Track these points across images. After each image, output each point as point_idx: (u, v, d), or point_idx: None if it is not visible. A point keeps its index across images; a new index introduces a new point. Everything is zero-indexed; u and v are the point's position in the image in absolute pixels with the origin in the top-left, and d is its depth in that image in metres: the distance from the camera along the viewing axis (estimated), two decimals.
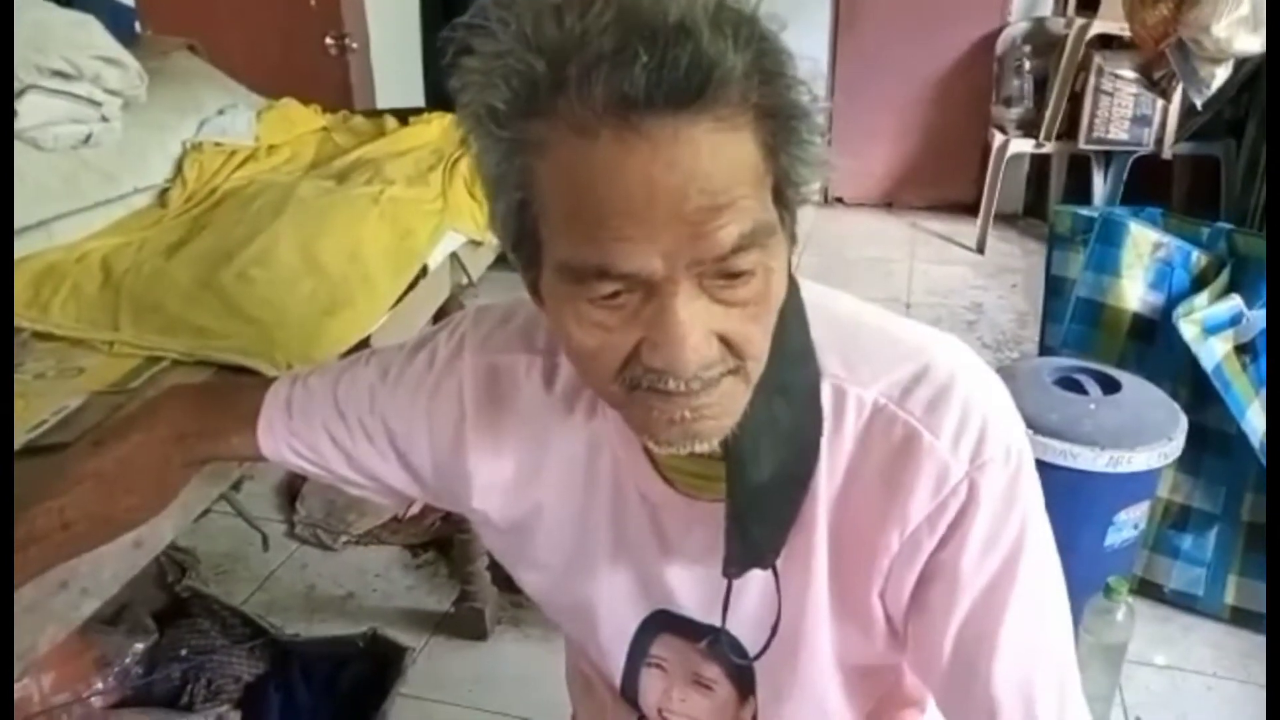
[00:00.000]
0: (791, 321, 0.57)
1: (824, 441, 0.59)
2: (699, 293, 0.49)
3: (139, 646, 1.47)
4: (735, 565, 0.61)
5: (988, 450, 0.57)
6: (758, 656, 0.66)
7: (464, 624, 1.80)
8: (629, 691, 0.76)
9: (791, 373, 0.58)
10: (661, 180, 0.46)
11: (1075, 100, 3.34)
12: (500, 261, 1.52)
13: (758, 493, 0.58)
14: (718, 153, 0.47)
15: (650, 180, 0.46)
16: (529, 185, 0.50)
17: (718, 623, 0.65)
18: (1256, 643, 1.74)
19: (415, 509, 2.07)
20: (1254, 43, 2.78)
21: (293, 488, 2.19)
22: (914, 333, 0.63)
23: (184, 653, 1.49)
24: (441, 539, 2.02)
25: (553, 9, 0.47)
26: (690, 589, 0.67)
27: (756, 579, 0.62)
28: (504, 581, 1.81)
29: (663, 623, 0.70)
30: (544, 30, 0.47)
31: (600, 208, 0.47)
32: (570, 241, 0.49)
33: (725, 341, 0.51)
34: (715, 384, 0.52)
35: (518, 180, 0.51)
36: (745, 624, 0.66)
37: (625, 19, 0.45)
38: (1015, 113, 3.53)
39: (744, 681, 0.71)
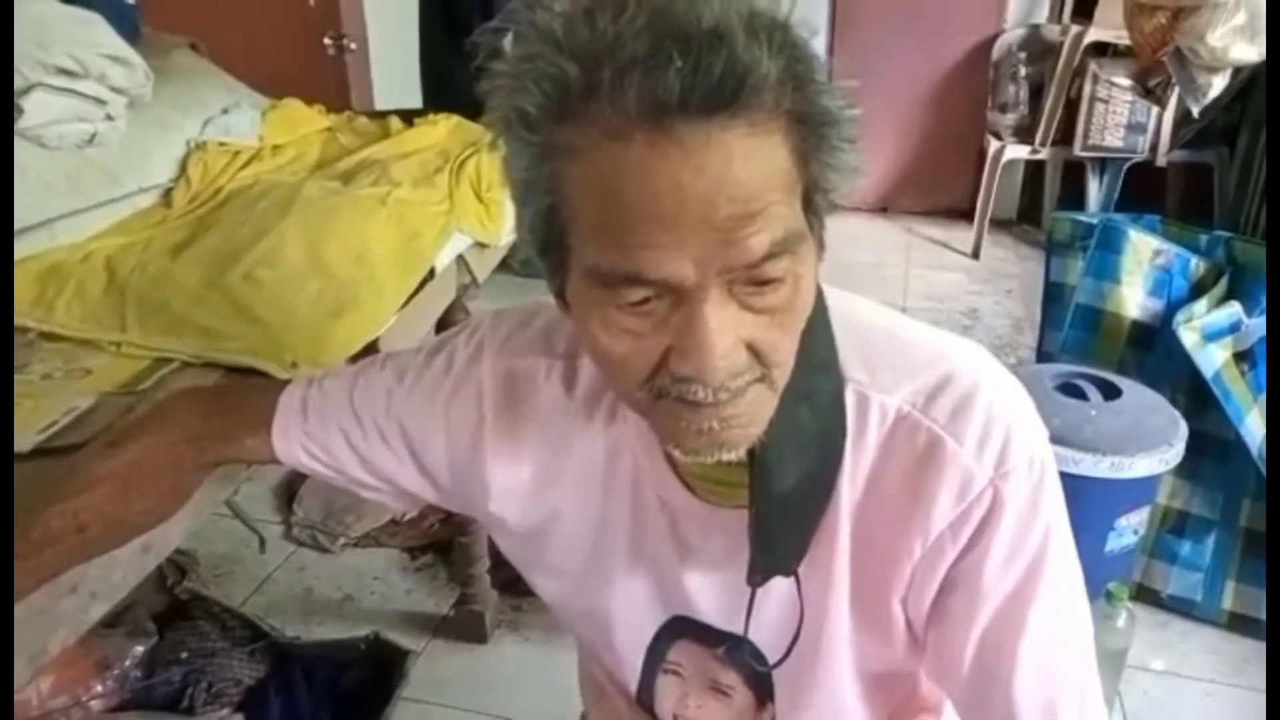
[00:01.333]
0: (817, 328, 0.57)
1: (847, 448, 0.59)
2: (728, 299, 0.49)
3: (139, 649, 1.47)
4: (759, 573, 0.61)
5: (1011, 459, 0.57)
6: (778, 664, 0.66)
7: (463, 627, 1.79)
8: (645, 697, 0.75)
9: (816, 380, 0.58)
10: (693, 186, 0.46)
11: (1070, 107, 3.35)
12: (502, 265, 1.52)
13: (782, 500, 0.58)
14: (749, 159, 0.47)
15: (681, 186, 0.46)
16: (558, 190, 0.50)
17: (739, 630, 0.65)
18: (1254, 648, 1.75)
19: (414, 511, 2.06)
20: (1250, 52, 2.79)
21: (290, 489, 2.17)
22: (936, 340, 0.63)
23: (184, 655, 1.49)
24: (440, 541, 2.01)
25: (584, 13, 0.47)
26: (710, 596, 0.67)
27: (778, 586, 0.62)
28: (504, 584, 1.81)
29: (680, 629, 0.70)
30: (576, 34, 0.47)
31: (631, 214, 0.47)
32: (600, 247, 0.49)
33: (753, 349, 0.51)
34: (742, 393, 0.51)
35: (547, 185, 0.50)
36: (766, 631, 0.65)
37: (658, 23, 0.45)
38: (1011, 119, 3.55)
39: (762, 688, 0.70)
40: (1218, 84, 2.83)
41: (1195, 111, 2.99)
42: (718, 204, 0.46)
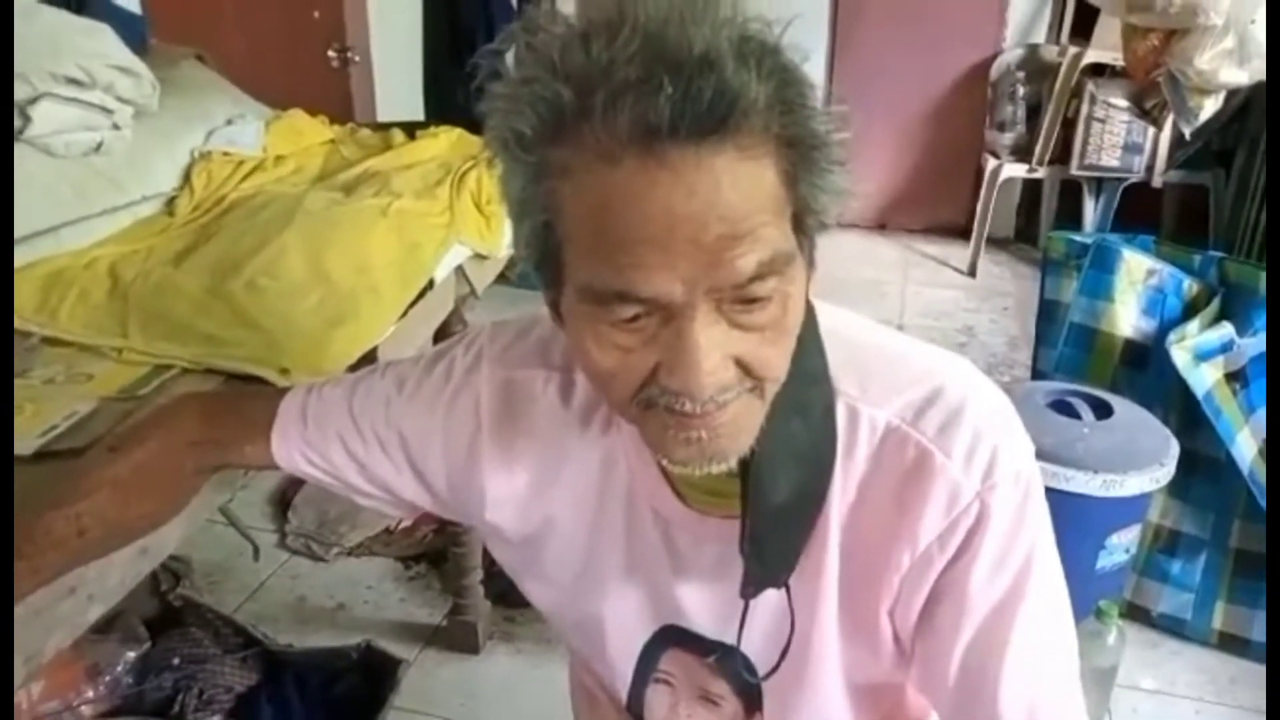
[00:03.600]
0: (808, 343, 0.58)
1: (837, 461, 0.60)
2: (717, 317, 0.50)
3: (130, 655, 1.46)
4: (752, 585, 0.61)
5: (998, 472, 0.58)
6: (768, 675, 0.66)
7: (456, 637, 1.79)
8: (635, 706, 0.76)
9: (807, 393, 0.59)
10: (682, 209, 0.47)
11: (1068, 127, 3.38)
12: (499, 276, 1.53)
13: (774, 512, 0.59)
14: (738, 182, 0.48)
15: (671, 208, 0.47)
16: (553, 209, 0.51)
17: (730, 641, 0.66)
18: (1243, 668, 1.75)
19: (409, 520, 2.06)
20: (1239, 75, 2.83)
21: (285, 498, 2.18)
22: (927, 355, 0.64)
23: (176, 661, 1.48)
24: (434, 551, 2.02)
25: (580, 37, 0.48)
26: (702, 605, 0.68)
27: (769, 597, 0.63)
28: (497, 595, 1.81)
29: (672, 638, 0.71)
30: (571, 58, 0.48)
31: (622, 234, 0.48)
32: (592, 265, 0.50)
33: (742, 365, 0.52)
34: (731, 404, 0.52)
35: (542, 203, 0.52)
36: (757, 642, 0.66)
37: (650, 49, 0.46)
38: (1008, 138, 3.57)
39: (751, 697, 0.71)
40: (1209, 106, 2.87)
41: (1187, 133, 3.02)
42: (707, 226, 0.48)
